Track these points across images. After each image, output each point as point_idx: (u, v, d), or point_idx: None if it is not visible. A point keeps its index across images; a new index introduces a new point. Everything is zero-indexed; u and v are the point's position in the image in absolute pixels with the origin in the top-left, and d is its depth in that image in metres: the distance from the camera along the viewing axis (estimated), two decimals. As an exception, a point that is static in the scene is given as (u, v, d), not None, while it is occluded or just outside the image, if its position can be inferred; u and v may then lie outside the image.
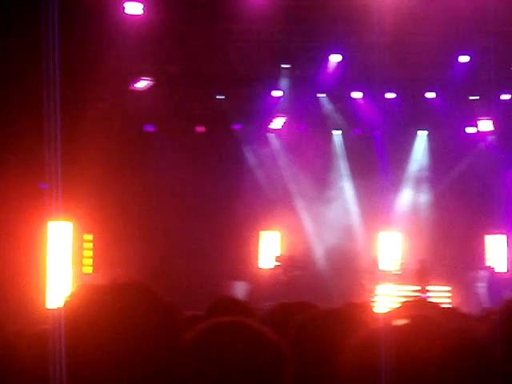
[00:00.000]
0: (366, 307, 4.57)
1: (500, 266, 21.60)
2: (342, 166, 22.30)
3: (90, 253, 18.62)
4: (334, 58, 20.03)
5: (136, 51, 18.54)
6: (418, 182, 22.33)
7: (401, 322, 1.62)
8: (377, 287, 20.17)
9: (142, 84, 19.71)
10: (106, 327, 1.78)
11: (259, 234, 22.21)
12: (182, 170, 20.27)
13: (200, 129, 21.49)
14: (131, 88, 19.76)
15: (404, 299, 19.54)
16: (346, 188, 22.19)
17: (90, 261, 18.54)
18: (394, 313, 4.67)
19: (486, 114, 21.20)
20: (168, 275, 19.28)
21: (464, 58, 19.82)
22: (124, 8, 17.23)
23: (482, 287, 20.04)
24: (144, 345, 1.81)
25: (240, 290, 19.69)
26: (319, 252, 21.59)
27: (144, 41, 18.09)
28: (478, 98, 20.98)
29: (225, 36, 18.93)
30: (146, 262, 19.20)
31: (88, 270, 18.33)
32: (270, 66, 20.34)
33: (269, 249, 22.14)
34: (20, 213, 14.54)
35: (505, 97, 20.92)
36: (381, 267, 21.52)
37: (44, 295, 15.61)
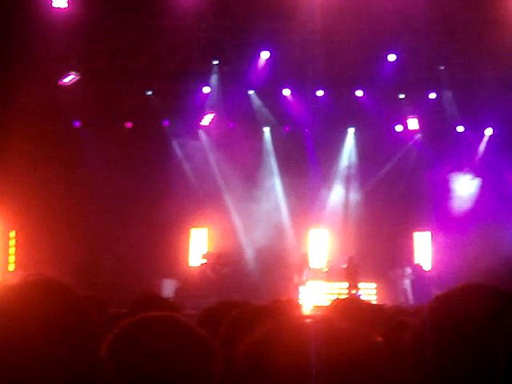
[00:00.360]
0: (291, 304, 4.53)
1: (426, 264, 21.95)
2: (272, 163, 22.35)
3: (13, 250, 18.30)
4: (264, 55, 20.07)
5: (63, 46, 18.28)
6: (347, 179, 22.52)
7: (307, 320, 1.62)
8: (306, 284, 20.27)
9: (69, 79, 19.42)
10: (12, 326, 1.71)
11: (190, 232, 22.11)
12: (111, 166, 20.05)
13: (128, 124, 21.28)
14: (59, 83, 19.46)
15: (333, 296, 19.76)
16: (276, 185, 22.24)
17: (13, 258, 18.21)
18: (324, 310, 4.68)
19: (413, 113, 21.51)
20: (96, 273, 19.08)
21: (392, 57, 20.06)
22: (52, 2, 16.99)
23: (407, 284, 20.31)
24: (51, 344, 1.73)
25: (169, 288, 19.59)
26: (248, 249, 21.60)
27: (71, 35, 17.85)
28: (405, 96, 21.26)
29: (153, 31, 18.80)
30: (73, 259, 18.94)
31: (12, 267, 18.01)
32: (200, 63, 20.27)
33: (199, 246, 22.06)
34: None
35: (432, 95, 21.25)
36: (311, 265, 21.65)
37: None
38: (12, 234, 18.13)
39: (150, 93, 20.69)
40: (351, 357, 1.51)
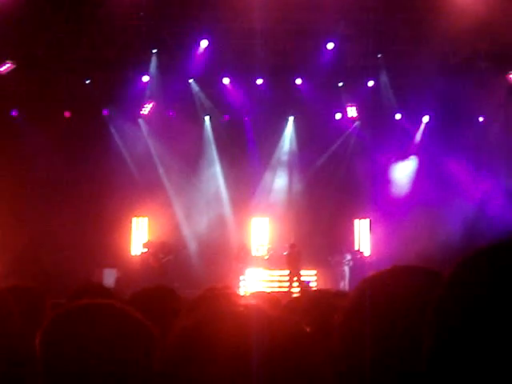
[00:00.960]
0: (227, 291, 4.61)
1: (366, 250, 22.21)
2: (212, 152, 22.34)
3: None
4: (203, 44, 20.04)
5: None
6: (288, 167, 22.63)
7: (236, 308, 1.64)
8: (246, 272, 20.32)
9: (5, 67, 19.15)
10: None
11: (131, 221, 22.01)
12: (50, 155, 19.82)
13: (67, 113, 21.05)
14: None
15: (274, 284, 19.89)
16: (217, 173, 22.24)
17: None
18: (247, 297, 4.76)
19: (352, 101, 21.70)
20: (37, 263, 18.88)
21: (330, 45, 20.20)
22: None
23: (346, 270, 20.51)
24: None
25: (110, 277, 19.49)
26: (189, 238, 21.58)
27: (7, 23, 17.59)
28: (343, 84, 21.43)
29: (92, 19, 18.61)
30: (14, 248, 18.72)
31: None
32: (139, 51, 20.15)
33: (140, 235, 21.99)
34: None
35: (370, 83, 21.46)
36: (252, 252, 21.76)
37: None
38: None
39: (88, 81, 20.50)
40: (281, 345, 1.52)
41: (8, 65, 19.01)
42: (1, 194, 19.40)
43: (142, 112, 21.51)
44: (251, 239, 22.18)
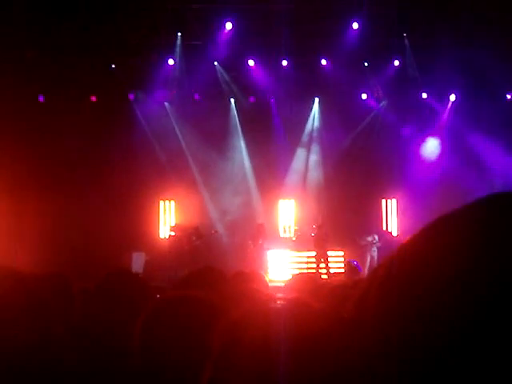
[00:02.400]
0: (254, 276, 4.62)
1: (393, 230, 22.14)
2: (239, 134, 22.32)
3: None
4: (228, 26, 20.01)
5: (26, 20, 18.12)
6: (314, 148, 22.56)
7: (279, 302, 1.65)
8: (269, 253, 20.25)
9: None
10: None
11: (158, 204, 22.08)
12: (78, 139, 19.93)
13: (93, 98, 21.12)
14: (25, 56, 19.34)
15: (302, 265, 19.86)
16: (243, 156, 22.23)
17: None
18: (282, 288, 4.77)
19: (378, 81, 21.58)
20: (63, 248, 19.02)
21: (355, 25, 20.10)
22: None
23: (375, 251, 20.42)
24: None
25: (138, 261, 19.59)
26: (216, 221, 21.60)
27: (33, 10, 17.69)
28: (369, 64, 21.30)
29: (116, 5, 18.66)
30: (39, 234, 18.90)
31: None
32: (164, 35, 20.17)
33: (168, 219, 22.06)
34: None
35: (396, 63, 21.33)
36: (280, 234, 21.79)
37: None
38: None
39: (114, 66, 20.56)
40: (324, 338, 1.53)
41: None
42: (28, 180, 19.54)
43: (167, 95, 21.53)
44: (278, 221, 22.19)
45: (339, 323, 1.59)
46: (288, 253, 20.79)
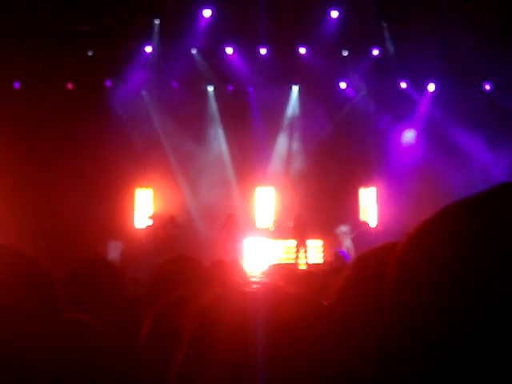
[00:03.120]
0: (233, 265, 4.53)
1: (371, 220, 22.17)
2: (216, 122, 22.26)
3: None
4: (206, 13, 19.91)
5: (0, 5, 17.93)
6: (292, 137, 22.56)
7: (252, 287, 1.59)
8: (244, 242, 20.23)
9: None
10: None
11: (134, 193, 21.98)
12: (53, 127, 19.82)
13: (70, 85, 20.97)
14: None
15: (281, 255, 19.86)
16: (221, 144, 22.19)
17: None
18: (263, 275, 4.71)
19: (357, 69, 21.58)
20: (38, 236, 18.87)
21: (334, 13, 20.06)
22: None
23: (349, 241, 20.43)
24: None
25: (115, 249, 19.51)
26: (195, 210, 21.55)
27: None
28: (348, 53, 21.30)
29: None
30: (14, 222, 18.73)
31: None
32: (142, 22, 20.03)
33: (144, 207, 21.95)
34: None
35: (375, 52, 21.33)
36: (257, 224, 21.77)
37: None
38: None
39: (90, 53, 20.39)
40: (301, 322, 1.51)
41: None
42: (2, 168, 19.37)
43: (144, 83, 21.42)
44: (256, 209, 22.17)
45: (318, 310, 1.58)
46: (265, 241, 20.76)
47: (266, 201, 22.31)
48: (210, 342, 1.49)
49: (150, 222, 20.78)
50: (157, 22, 20.33)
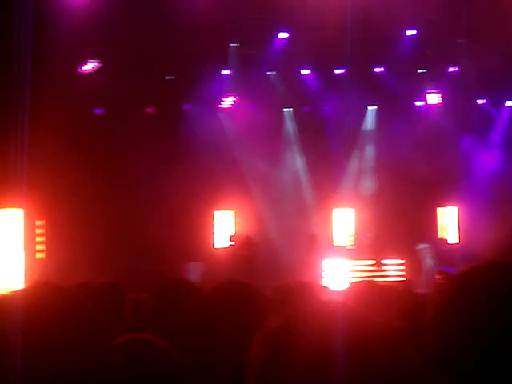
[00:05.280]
0: (312, 286, 4.58)
1: (452, 238, 21.86)
2: (294, 144, 22.31)
3: (43, 238, 18.45)
4: (282, 35, 20.02)
5: (82, 33, 18.34)
6: (369, 156, 22.44)
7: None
8: (323, 263, 20.11)
9: (90, 66, 19.49)
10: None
11: (213, 215, 22.14)
12: (133, 152, 20.07)
13: (149, 110, 21.31)
14: (79, 71, 19.55)
15: (359, 274, 19.73)
16: (298, 165, 22.21)
17: (43, 246, 18.36)
18: (342, 294, 4.72)
19: (434, 87, 21.37)
20: (121, 259, 19.16)
21: (411, 32, 19.95)
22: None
23: (431, 259, 20.14)
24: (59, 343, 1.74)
25: (195, 271, 19.64)
26: (273, 230, 21.56)
27: (90, 22, 17.90)
28: (425, 71, 21.14)
29: (171, 16, 18.77)
30: (99, 246, 19.06)
31: (41, 255, 18.18)
32: (219, 45, 20.26)
33: (223, 228, 22.10)
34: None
35: (452, 69, 21.12)
36: (334, 243, 21.68)
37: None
38: (39, 222, 18.26)
39: (169, 77, 20.70)
40: (371, 344, 1.51)
41: (93, 64, 19.34)
42: (84, 192, 19.71)
43: (222, 106, 21.62)
44: (333, 230, 22.08)
45: (391, 332, 1.58)
46: (344, 262, 20.65)
47: (344, 221, 22.22)
48: (283, 363, 1.48)
49: (232, 243, 20.89)
50: (234, 45, 20.54)
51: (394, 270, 20.13)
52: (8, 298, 1.80)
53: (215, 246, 21.89)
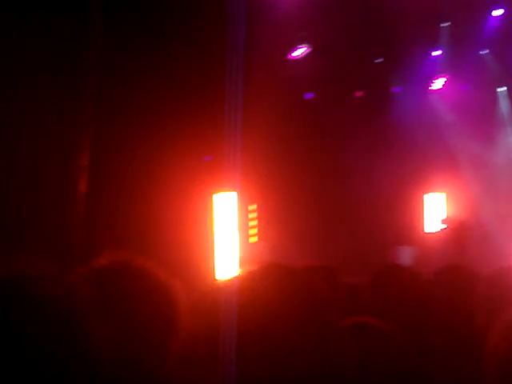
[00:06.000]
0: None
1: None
2: (509, 125, 21.52)
3: (255, 222, 18.91)
4: (496, 13, 19.33)
5: (292, 18, 18.59)
6: None
7: None
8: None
9: (300, 52, 19.73)
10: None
11: (423, 198, 21.83)
12: (344, 136, 20.19)
13: (359, 93, 21.31)
14: (289, 57, 19.85)
15: None
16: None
17: (255, 230, 18.83)
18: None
19: None
20: (332, 242, 19.34)
21: None
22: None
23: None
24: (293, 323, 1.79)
25: (407, 255, 19.45)
26: (486, 215, 20.93)
27: (299, 7, 18.11)
28: None
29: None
30: (307, 231, 19.32)
31: (253, 239, 18.65)
32: (429, 26, 19.88)
33: (434, 212, 21.70)
34: (185, 186, 14.88)
35: None
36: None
37: (213, 266, 15.92)
38: (252, 207, 18.72)
39: (378, 60, 20.58)
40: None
41: (303, 49, 19.56)
42: (295, 177, 19.99)
43: (433, 87, 21.25)
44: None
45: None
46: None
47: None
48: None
49: (444, 226, 20.47)
50: (444, 24, 20.07)
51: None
52: (232, 284, 1.87)
53: (425, 231, 21.57)
